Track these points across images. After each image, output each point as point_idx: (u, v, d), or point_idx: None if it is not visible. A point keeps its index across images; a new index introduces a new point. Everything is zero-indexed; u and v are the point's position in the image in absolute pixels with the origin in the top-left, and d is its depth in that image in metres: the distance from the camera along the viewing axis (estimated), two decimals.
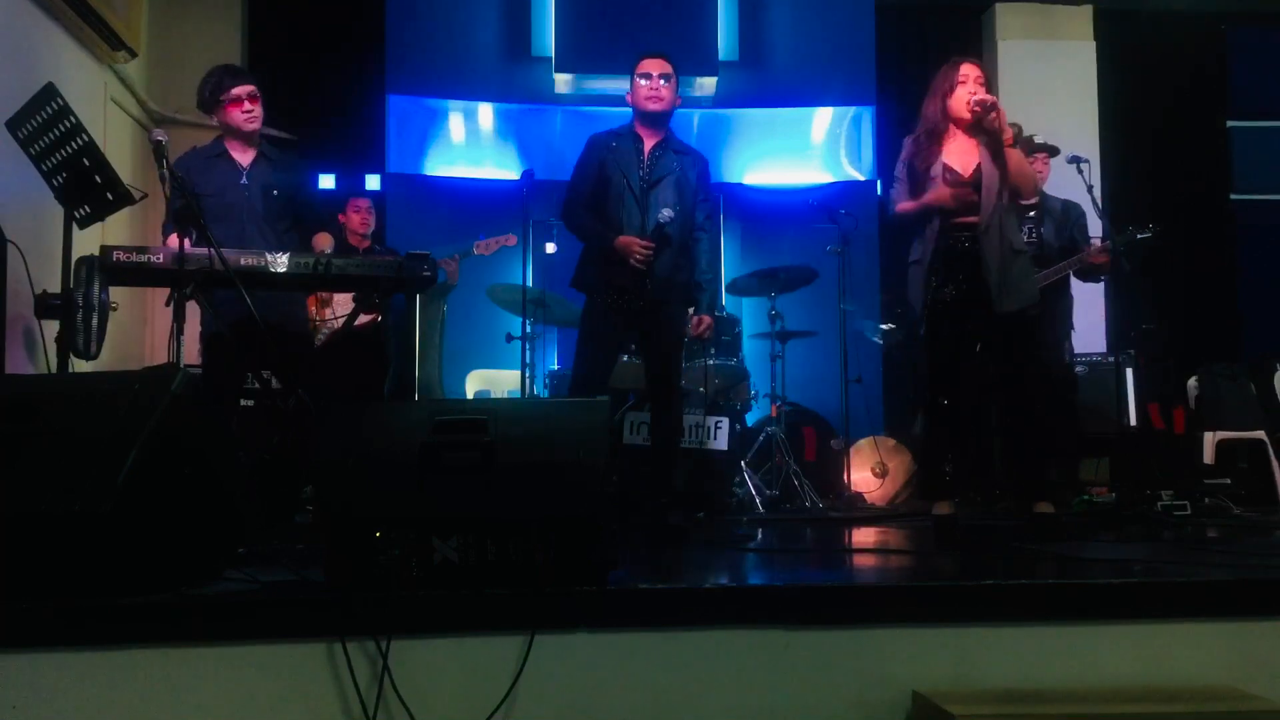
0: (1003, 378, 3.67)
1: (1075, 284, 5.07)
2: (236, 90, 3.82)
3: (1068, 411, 4.97)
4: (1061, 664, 2.29)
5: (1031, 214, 4.86)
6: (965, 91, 3.54)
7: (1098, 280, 5.06)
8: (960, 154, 3.58)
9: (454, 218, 6.40)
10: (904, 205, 3.63)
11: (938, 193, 3.53)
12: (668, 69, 3.79)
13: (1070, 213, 4.97)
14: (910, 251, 3.66)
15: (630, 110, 3.89)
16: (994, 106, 3.48)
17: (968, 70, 3.58)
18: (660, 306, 3.78)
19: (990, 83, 5.30)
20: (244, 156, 3.90)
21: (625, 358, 4.86)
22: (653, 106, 3.78)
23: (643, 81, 3.79)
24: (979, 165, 3.54)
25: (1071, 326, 5.12)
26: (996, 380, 3.74)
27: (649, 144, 3.82)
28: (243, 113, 3.82)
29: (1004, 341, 3.57)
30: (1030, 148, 4.80)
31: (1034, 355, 3.84)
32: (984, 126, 3.51)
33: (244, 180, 3.86)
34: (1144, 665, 2.30)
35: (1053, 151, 4.97)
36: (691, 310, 3.97)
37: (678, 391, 3.93)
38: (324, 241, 3.95)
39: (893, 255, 6.67)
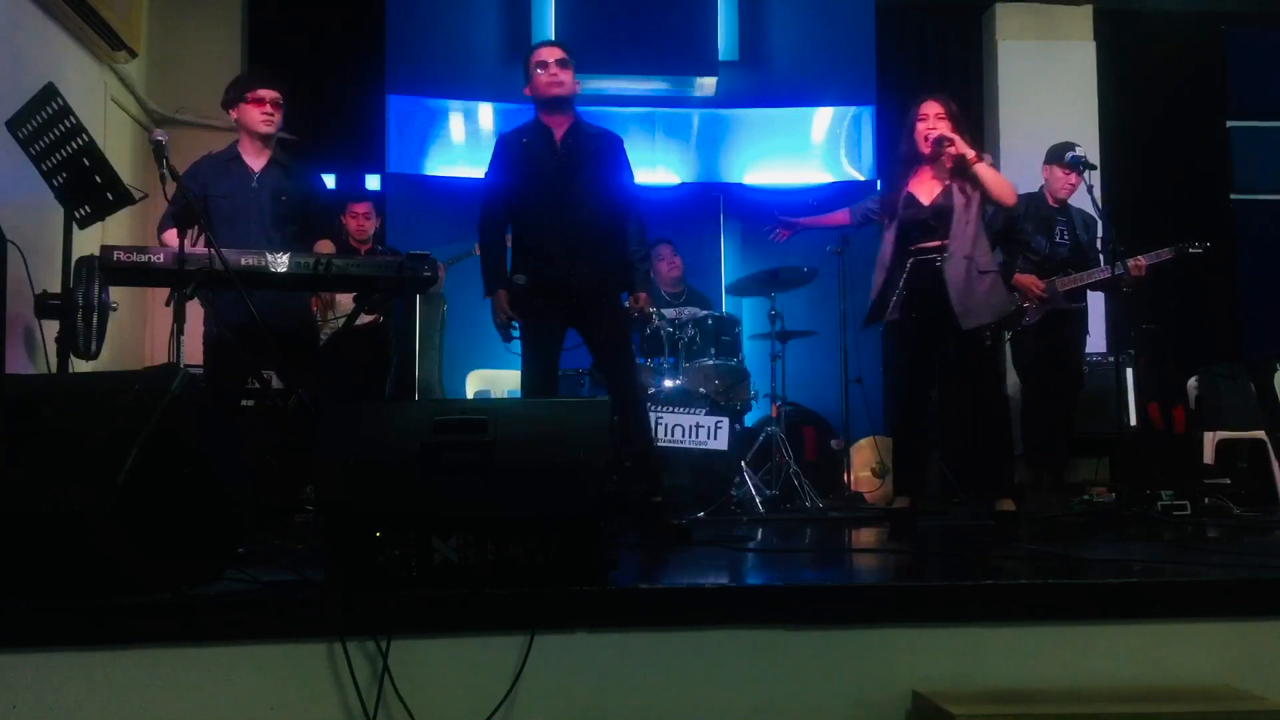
0: (966, 387, 3.94)
1: None
2: (262, 91, 3.90)
3: (1068, 411, 4.99)
4: (1061, 664, 2.29)
5: (1062, 216, 5.00)
6: (925, 128, 3.84)
7: (1120, 292, 5.04)
8: (925, 185, 3.88)
9: (454, 218, 6.36)
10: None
11: (832, 217, 4.40)
12: (562, 54, 3.75)
13: (1088, 222, 5.02)
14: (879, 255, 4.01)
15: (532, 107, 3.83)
16: (944, 139, 3.78)
17: (927, 108, 3.89)
18: (593, 298, 3.69)
19: (990, 83, 5.43)
20: (256, 161, 3.95)
21: None
22: (555, 91, 3.71)
23: (540, 71, 3.73)
24: (941, 194, 3.83)
25: (1087, 330, 5.17)
26: (959, 390, 4.03)
27: (559, 133, 3.75)
28: (262, 114, 3.89)
29: (963, 355, 3.84)
30: (1063, 162, 4.84)
31: (990, 365, 4.18)
32: (944, 159, 3.81)
33: (254, 184, 3.92)
34: (1143, 665, 2.30)
35: (1085, 165, 4.84)
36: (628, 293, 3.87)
37: (636, 383, 3.86)
38: (325, 249, 3.97)
39: None
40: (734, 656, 2.23)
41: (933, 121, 3.84)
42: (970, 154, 3.77)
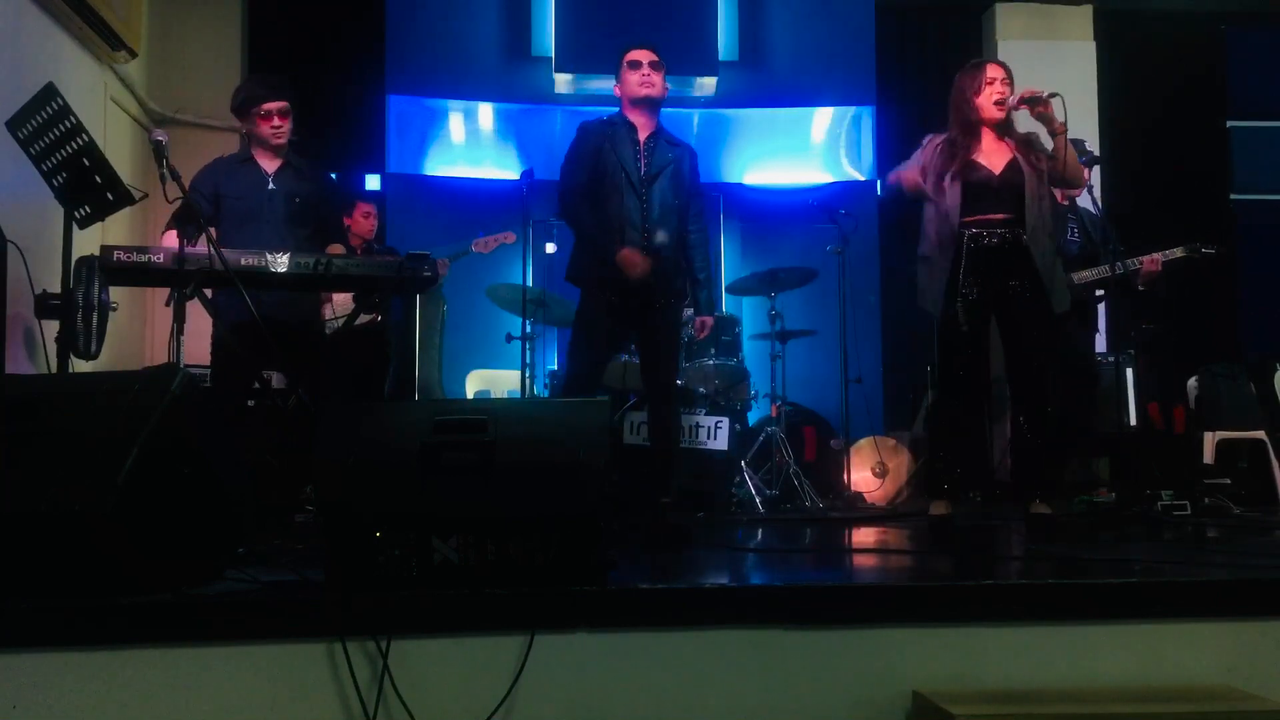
0: (1025, 378, 3.62)
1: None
2: (269, 106, 3.88)
3: (1089, 405, 4.98)
4: (1061, 664, 2.29)
5: (1072, 215, 4.95)
6: (995, 91, 3.57)
7: (1135, 290, 4.98)
8: (988, 153, 3.60)
9: (454, 218, 6.39)
10: (904, 175, 3.67)
11: (913, 176, 3.62)
12: (656, 58, 3.77)
13: (1095, 224, 5.02)
14: (920, 246, 3.68)
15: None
16: (1036, 99, 3.47)
17: (994, 71, 3.62)
18: (657, 304, 3.75)
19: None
20: (270, 164, 3.96)
21: (624, 357, 4.86)
22: (646, 92, 3.74)
23: (632, 70, 3.76)
24: (1009, 164, 3.55)
25: (1098, 329, 5.17)
26: (1015, 380, 3.67)
27: (643, 134, 3.77)
28: (271, 128, 3.89)
29: (1037, 340, 3.56)
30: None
31: (1056, 357, 3.86)
32: (1039, 118, 3.51)
33: (270, 186, 3.93)
34: (1144, 665, 2.30)
35: (1092, 160, 4.91)
36: (691, 311, 3.99)
37: (675, 390, 3.91)
38: (336, 252, 3.98)
39: (893, 255, 6.69)
40: (734, 656, 2.23)
41: (1000, 85, 3.57)
42: (1059, 121, 3.49)
